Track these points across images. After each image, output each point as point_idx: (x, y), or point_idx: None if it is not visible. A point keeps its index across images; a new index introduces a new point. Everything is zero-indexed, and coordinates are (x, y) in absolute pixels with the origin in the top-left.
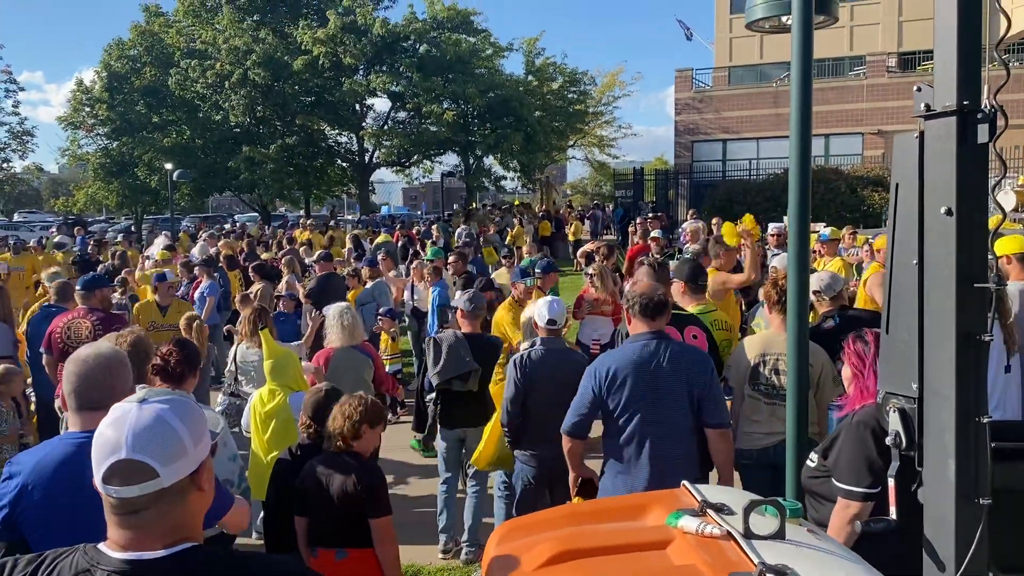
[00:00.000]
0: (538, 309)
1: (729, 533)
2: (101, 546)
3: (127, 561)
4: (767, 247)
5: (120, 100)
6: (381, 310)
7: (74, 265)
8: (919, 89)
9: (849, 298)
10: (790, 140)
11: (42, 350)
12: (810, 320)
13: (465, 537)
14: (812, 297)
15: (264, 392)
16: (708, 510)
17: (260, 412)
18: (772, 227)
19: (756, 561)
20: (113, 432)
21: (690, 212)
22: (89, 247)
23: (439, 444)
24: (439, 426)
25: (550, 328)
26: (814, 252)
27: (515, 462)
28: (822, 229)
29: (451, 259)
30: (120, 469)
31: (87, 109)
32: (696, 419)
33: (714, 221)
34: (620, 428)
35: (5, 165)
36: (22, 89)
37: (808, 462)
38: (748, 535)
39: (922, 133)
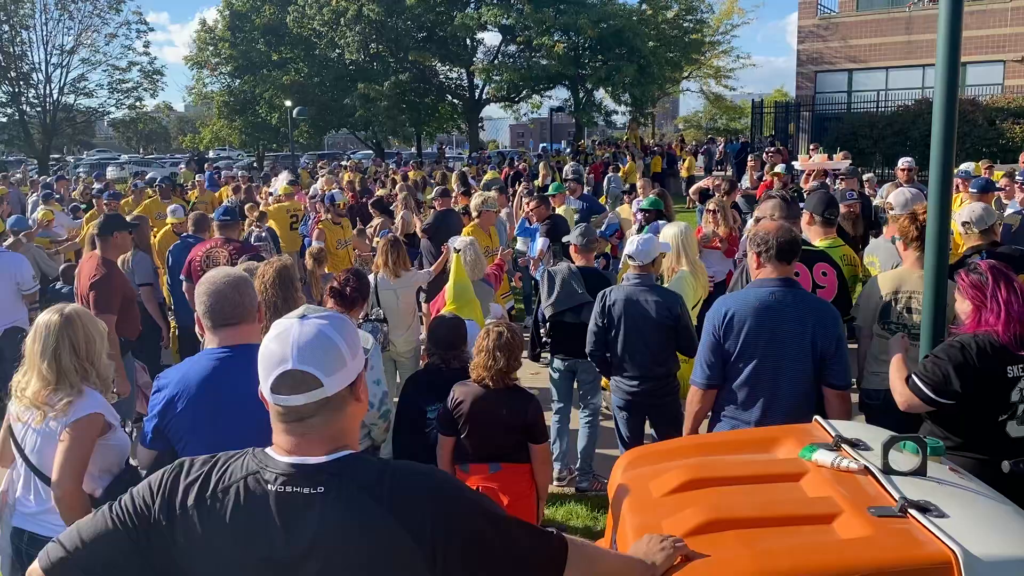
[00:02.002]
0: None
1: (867, 468)
2: (268, 450)
3: (293, 464)
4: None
5: (241, 39)
6: None
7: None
8: None
9: None
10: (936, 67)
11: (182, 277)
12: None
13: (579, 465)
14: (960, 229)
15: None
16: (843, 445)
17: None
18: (902, 162)
19: (897, 496)
20: (278, 346)
21: (812, 146)
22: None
23: (551, 374)
24: (551, 356)
25: (631, 263)
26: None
27: None
28: (963, 165)
29: (533, 204)
30: (287, 379)
31: (211, 48)
32: (815, 374)
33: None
34: (735, 374)
35: (139, 104)
36: (151, 30)
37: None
38: (887, 471)
39: None
